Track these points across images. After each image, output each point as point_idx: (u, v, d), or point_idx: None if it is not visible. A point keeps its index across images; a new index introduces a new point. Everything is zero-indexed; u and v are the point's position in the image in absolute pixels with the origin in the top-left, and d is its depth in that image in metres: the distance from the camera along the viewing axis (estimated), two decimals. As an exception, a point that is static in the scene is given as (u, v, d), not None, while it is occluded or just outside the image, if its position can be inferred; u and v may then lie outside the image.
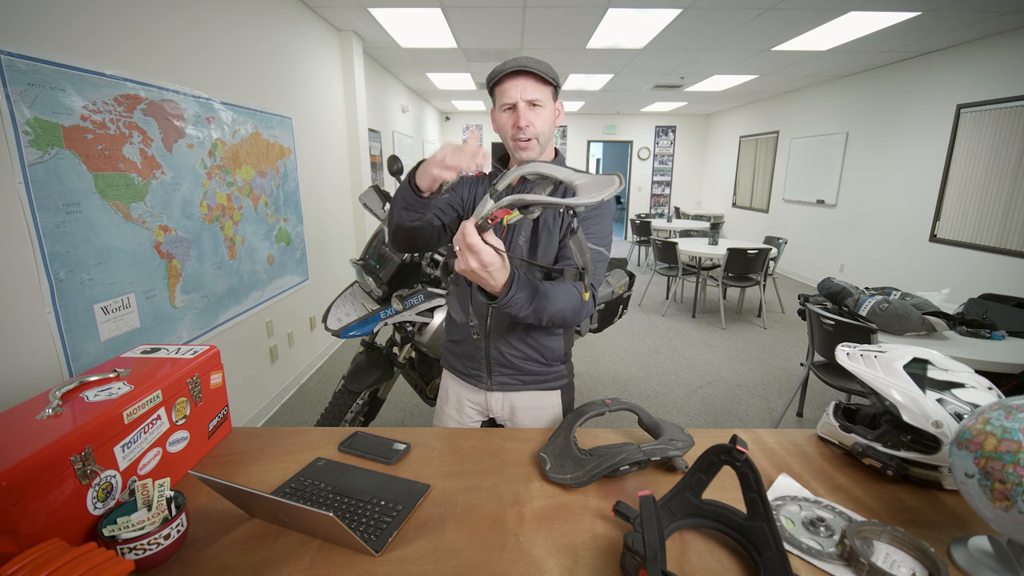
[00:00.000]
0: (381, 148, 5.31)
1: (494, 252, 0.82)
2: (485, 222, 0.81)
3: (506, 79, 1.06)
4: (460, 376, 1.25)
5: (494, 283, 0.86)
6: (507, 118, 1.08)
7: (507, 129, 1.09)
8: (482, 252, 0.81)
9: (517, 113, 1.06)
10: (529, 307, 0.94)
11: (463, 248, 0.81)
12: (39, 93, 1.45)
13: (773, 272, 4.99)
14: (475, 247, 0.80)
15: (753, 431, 1.09)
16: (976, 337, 2.12)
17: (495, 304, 0.91)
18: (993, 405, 0.68)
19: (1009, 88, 3.87)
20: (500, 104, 1.09)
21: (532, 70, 1.04)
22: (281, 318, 3.03)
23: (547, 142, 1.12)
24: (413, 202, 0.99)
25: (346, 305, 2.05)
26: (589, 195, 0.79)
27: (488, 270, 0.83)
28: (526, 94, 1.05)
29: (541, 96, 1.07)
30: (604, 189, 0.78)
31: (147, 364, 0.97)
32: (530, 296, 0.93)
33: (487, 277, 0.84)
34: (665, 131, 9.87)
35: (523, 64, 1.05)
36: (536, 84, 1.06)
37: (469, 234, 0.80)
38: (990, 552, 0.70)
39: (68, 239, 1.54)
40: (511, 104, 1.06)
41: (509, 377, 1.18)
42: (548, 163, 0.83)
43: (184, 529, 0.73)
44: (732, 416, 2.95)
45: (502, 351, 1.16)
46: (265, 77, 2.85)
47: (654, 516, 0.68)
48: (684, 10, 3.58)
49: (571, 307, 1.01)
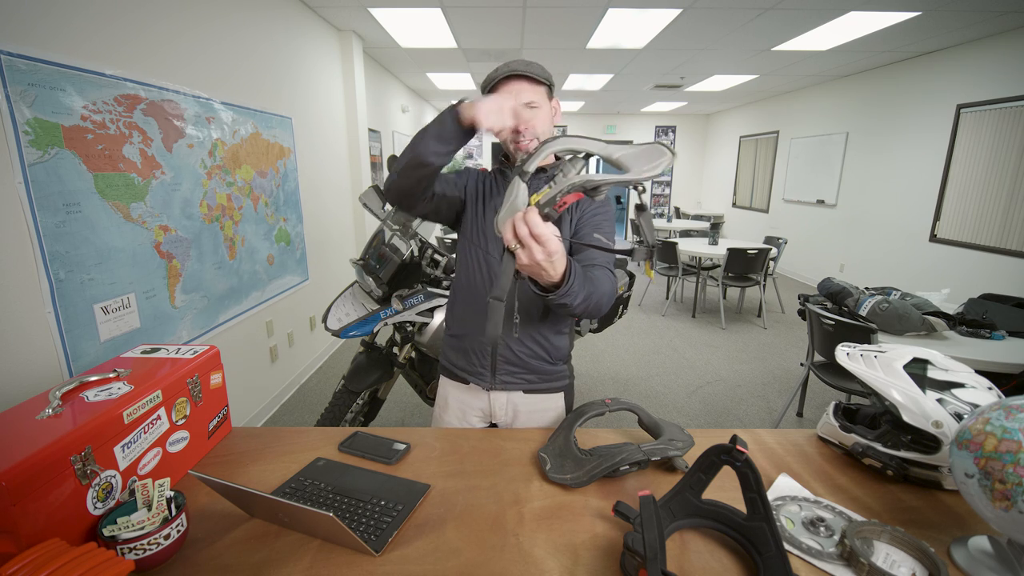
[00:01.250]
0: (381, 148, 5.31)
1: (558, 240, 0.76)
2: (552, 210, 0.74)
3: (501, 84, 1.09)
4: (461, 375, 1.22)
5: (554, 273, 0.80)
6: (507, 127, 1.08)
7: (508, 135, 1.10)
8: (550, 240, 0.74)
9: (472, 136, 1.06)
10: (582, 293, 0.89)
11: (528, 239, 0.73)
12: (39, 93, 1.45)
13: (773, 272, 4.99)
14: (543, 236, 0.73)
15: (753, 431, 1.09)
16: (976, 337, 2.12)
17: (553, 296, 0.85)
18: (993, 405, 0.68)
19: (1009, 88, 3.87)
20: None
21: (525, 73, 1.06)
22: (281, 318, 3.03)
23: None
24: (453, 133, 0.95)
25: (346, 305, 2.05)
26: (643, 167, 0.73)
27: (552, 259, 0.76)
28: (521, 97, 1.07)
29: (536, 97, 1.09)
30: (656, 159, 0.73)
31: (147, 364, 0.97)
32: (583, 282, 0.89)
33: (549, 268, 0.77)
34: (665, 131, 9.87)
35: (515, 68, 1.06)
36: (530, 86, 1.08)
37: (536, 223, 0.73)
38: (990, 552, 0.70)
39: (68, 239, 1.54)
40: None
41: (513, 375, 1.17)
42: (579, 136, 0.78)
43: (184, 529, 0.73)
44: (732, 416, 2.95)
45: (512, 348, 1.15)
46: (265, 77, 2.85)
47: (654, 516, 0.68)
48: (684, 10, 3.58)
49: (609, 291, 0.98)
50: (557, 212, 0.75)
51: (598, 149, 0.76)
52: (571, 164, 0.77)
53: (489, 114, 0.92)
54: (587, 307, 0.93)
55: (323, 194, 3.70)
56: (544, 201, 0.74)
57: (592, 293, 0.92)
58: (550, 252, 0.75)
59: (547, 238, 0.74)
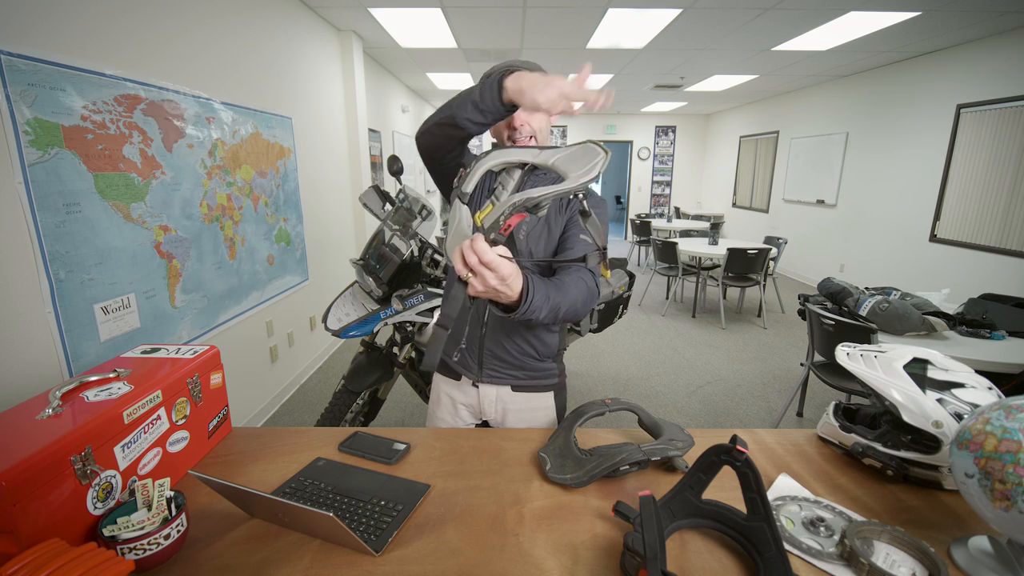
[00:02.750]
0: (381, 148, 5.31)
1: (509, 263, 0.75)
2: (498, 234, 0.73)
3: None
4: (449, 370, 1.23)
5: (511, 293, 0.78)
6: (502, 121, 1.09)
7: (503, 131, 1.10)
8: (500, 266, 0.73)
9: (511, 117, 1.06)
10: (547, 307, 0.87)
11: (479, 268, 0.72)
12: (39, 93, 1.45)
13: (773, 272, 4.99)
14: (493, 263, 0.72)
15: (753, 431, 1.09)
16: (976, 337, 2.12)
17: (515, 316, 0.84)
18: (993, 405, 0.68)
19: (1009, 88, 3.87)
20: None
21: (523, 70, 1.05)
22: (281, 318, 3.03)
23: (544, 140, 1.13)
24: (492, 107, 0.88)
25: (346, 305, 2.05)
26: (578, 172, 0.71)
27: (507, 283, 0.75)
28: None
29: None
30: (590, 161, 0.71)
31: (147, 364, 0.97)
32: (546, 295, 0.87)
33: (505, 290, 0.76)
34: (665, 131, 9.87)
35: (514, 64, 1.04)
36: None
37: (484, 251, 0.71)
38: (990, 552, 0.70)
39: (68, 239, 1.54)
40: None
41: (499, 370, 1.17)
42: (511, 147, 0.77)
43: (184, 529, 0.73)
44: (732, 416, 2.95)
45: (500, 342, 1.15)
46: (265, 77, 2.85)
47: (654, 516, 0.68)
48: (684, 10, 3.58)
49: (582, 296, 0.97)
50: (504, 236, 0.74)
51: (531, 157, 0.76)
52: (508, 176, 0.76)
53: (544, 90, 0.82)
54: (556, 316, 0.91)
55: (323, 194, 3.70)
56: (488, 226, 0.73)
57: (560, 303, 0.90)
58: (503, 276, 0.74)
59: (497, 264, 0.72)
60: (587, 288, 0.98)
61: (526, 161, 0.76)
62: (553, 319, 0.91)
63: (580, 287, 0.96)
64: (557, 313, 0.91)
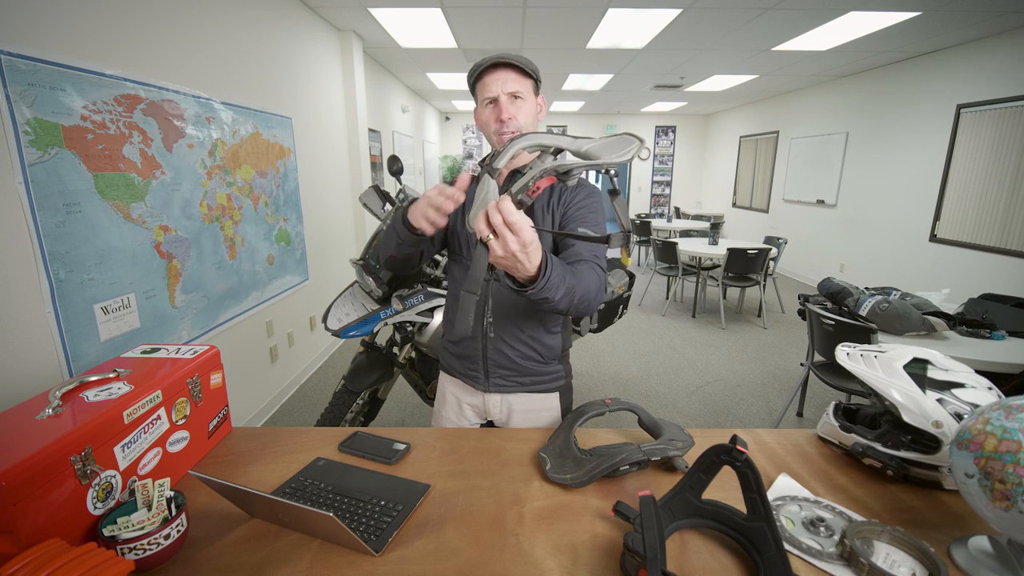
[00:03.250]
0: (381, 148, 5.31)
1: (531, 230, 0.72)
2: (526, 196, 0.71)
3: (486, 73, 1.06)
4: (457, 376, 1.24)
5: (529, 265, 0.76)
6: (489, 113, 1.07)
7: (490, 124, 1.08)
8: (523, 230, 0.70)
9: (499, 107, 1.05)
10: (563, 287, 0.84)
11: (502, 228, 0.70)
12: (39, 93, 1.45)
13: (773, 272, 4.99)
14: (517, 224, 0.70)
15: (753, 431, 1.09)
16: (976, 337, 2.12)
17: (531, 291, 0.81)
18: (993, 405, 0.68)
19: (1009, 88, 3.87)
20: (482, 99, 1.08)
21: (512, 62, 1.04)
22: (281, 318, 3.03)
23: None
24: (407, 239, 0.99)
25: (346, 305, 2.05)
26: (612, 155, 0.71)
27: (527, 250, 0.73)
28: (507, 87, 1.04)
29: (522, 88, 1.06)
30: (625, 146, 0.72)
31: (147, 364, 0.97)
32: (562, 275, 0.84)
33: (524, 260, 0.74)
34: (665, 131, 9.88)
35: (503, 56, 1.04)
36: (517, 76, 1.06)
37: (509, 211, 0.69)
38: (990, 552, 0.70)
39: (68, 239, 1.54)
40: (492, 98, 1.06)
41: (506, 379, 1.17)
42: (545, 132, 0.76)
43: (184, 529, 0.73)
44: (732, 416, 2.95)
45: (501, 350, 1.14)
46: (265, 77, 2.85)
47: (654, 516, 0.68)
48: (684, 10, 3.58)
49: (595, 286, 0.95)
50: (531, 198, 0.73)
51: (566, 144, 0.75)
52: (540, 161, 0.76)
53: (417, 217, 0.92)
54: (572, 302, 0.89)
55: (323, 194, 3.70)
56: (517, 189, 0.72)
57: (575, 287, 0.88)
58: (525, 242, 0.72)
59: (520, 227, 0.70)
60: (599, 279, 0.97)
61: (560, 146, 0.75)
62: (568, 304, 0.88)
63: (593, 277, 0.95)
64: (573, 297, 0.88)
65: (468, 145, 10.03)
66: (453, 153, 9.88)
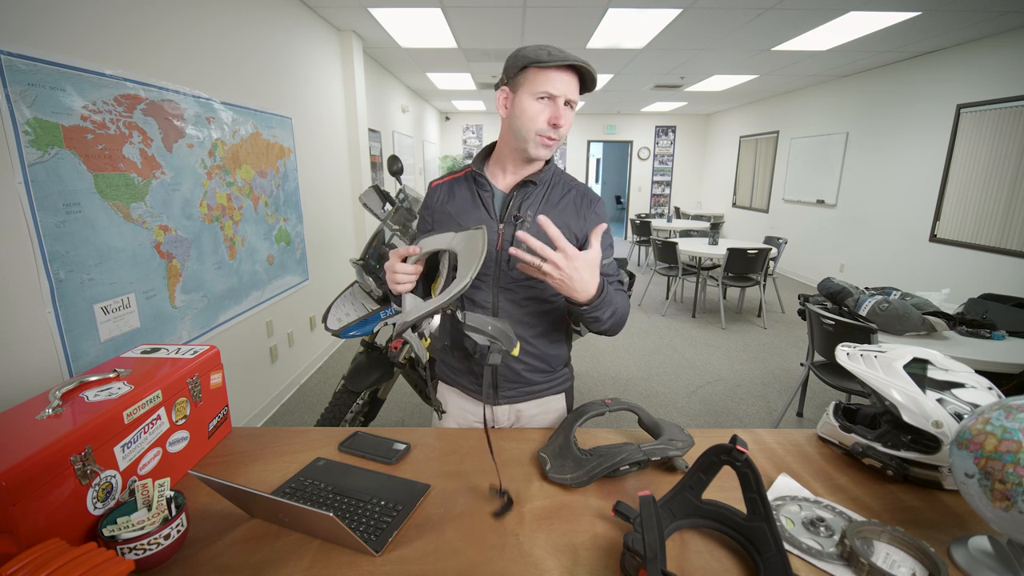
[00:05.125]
0: (381, 148, 5.31)
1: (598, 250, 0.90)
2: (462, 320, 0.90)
3: (556, 70, 0.96)
4: (464, 391, 1.19)
5: (591, 278, 0.89)
6: (541, 109, 0.97)
7: (538, 121, 0.97)
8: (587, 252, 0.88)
9: (558, 110, 0.97)
10: (612, 307, 0.96)
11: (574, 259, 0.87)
12: (39, 93, 1.45)
13: (773, 272, 4.99)
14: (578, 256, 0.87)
15: (753, 431, 1.09)
16: (976, 337, 2.12)
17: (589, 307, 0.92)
18: (993, 405, 0.68)
19: (1009, 88, 3.87)
20: (536, 91, 0.96)
21: (588, 70, 0.96)
22: (281, 318, 3.03)
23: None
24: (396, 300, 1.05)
25: (346, 305, 2.05)
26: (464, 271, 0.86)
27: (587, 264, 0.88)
28: (571, 94, 0.97)
29: (577, 99, 1.01)
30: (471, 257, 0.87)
31: (147, 364, 0.97)
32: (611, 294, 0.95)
33: (589, 276, 0.89)
34: (665, 131, 9.87)
35: (581, 62, 0.95)
36: (578, 85, 0.99)
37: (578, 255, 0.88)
38: (990, 552, 0.70)
39: (68, 239, 1.54)
40: (552, 95, 0.96)
41: (515, 390, 1.15)
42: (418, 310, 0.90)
43: (184, 529, 0.73)
44: (732, 416, 2.95)
45: (510, 365, 1.11)
46: (265, 77, 2.85)
47: (654, 516, 0.68)
48: (684, 10, 3.58)
49: (627, 307, 1.04)
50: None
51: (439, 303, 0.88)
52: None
53: (394, 287, 0.98)
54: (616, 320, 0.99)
55: (323, 194, 3.70)
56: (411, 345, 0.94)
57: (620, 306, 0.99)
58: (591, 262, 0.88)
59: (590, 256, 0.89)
60: (627, 302, 1.05)
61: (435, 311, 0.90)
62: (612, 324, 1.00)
63: (624, 299, 1.03)
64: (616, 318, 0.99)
65: (468, 145, 10.03)
66: (453, 153, 9.88)
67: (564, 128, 0.99)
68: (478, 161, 1.11)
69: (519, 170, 1.08)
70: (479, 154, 1.13)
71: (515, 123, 1.00)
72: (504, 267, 1.05)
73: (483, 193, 1.08)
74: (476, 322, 0.89)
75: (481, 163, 1.11)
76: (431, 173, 8.63)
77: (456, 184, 1.13)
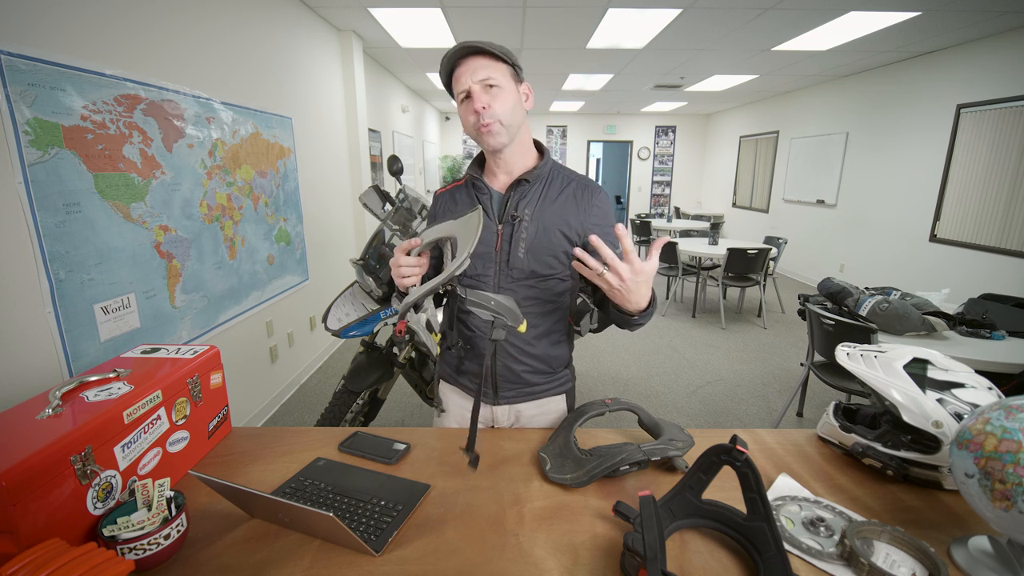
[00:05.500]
0: (381, 148, 5.31)
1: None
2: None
3: (456, 67, 0.99)
4: (464, 390, 1.20)
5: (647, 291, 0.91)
6: (466, 108, 1.00)
7: (469, 120, 1.00)
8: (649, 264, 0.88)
9: (474, 99, 0.97)
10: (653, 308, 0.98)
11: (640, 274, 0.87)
12: (39, 93, 1.45)
13: (773, 272, 4.99)
14: (644, 270, 0.87)
15: (753, 431, 1.09)
16: (976, 337, 2.12)
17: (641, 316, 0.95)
18: (993, 405, 0.68)
19: (1009, 88, 3.87)
20: (457, 95, 1.00)
21: (481, 47, 0.97)
22: (281, 318, 3.03)
23: (515, 128, 1.02)
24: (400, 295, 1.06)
25: (346, 305, 2.05)
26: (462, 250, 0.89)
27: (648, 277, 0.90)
28: (477, 75, 0.97)
29: (496, 75, 0.98)
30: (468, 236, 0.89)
31: (147, 364, 0.97)
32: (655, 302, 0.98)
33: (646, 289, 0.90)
34: (665, 131, 9.87)
35: (468, 43, 0.97)
36: (489, 63, 0.98)
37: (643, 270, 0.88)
38: (990, 552, 0.70)
39: (68, 239, 1.54)
40: (465, 91, 0.98)
41: (515, 391, 1.15)
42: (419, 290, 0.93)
43: (184, 529, 0.73)
44: (732, 416, 2.95)
45: (510, 367, 1.12)
46: (265, 77, 2.85)
47: (654, 516, 0.68)
48: (684, 10, 3.58)
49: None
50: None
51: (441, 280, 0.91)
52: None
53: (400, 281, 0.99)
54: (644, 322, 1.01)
55: (323, 194, 3.70)
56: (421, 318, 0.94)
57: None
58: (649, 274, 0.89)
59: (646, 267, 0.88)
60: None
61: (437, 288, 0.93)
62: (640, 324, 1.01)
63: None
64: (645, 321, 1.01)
65: (468, 145, 10.02)
66: (453, 153, 9.88)
67: (494, 108, 0.98)
68: (474, 166, 1.14)
69: (509, 169, 1.08)
70: (474, 160, 1.15)
71: (467, 132, 1.07)
72: (504, 267, 1.05)
73: (481, 196, 1.10)
74: (479, 298, 0.90)
75: (477, 168, 1.13)
76: (431, 173, 8.63)
77: (457, 191, 1.16)
